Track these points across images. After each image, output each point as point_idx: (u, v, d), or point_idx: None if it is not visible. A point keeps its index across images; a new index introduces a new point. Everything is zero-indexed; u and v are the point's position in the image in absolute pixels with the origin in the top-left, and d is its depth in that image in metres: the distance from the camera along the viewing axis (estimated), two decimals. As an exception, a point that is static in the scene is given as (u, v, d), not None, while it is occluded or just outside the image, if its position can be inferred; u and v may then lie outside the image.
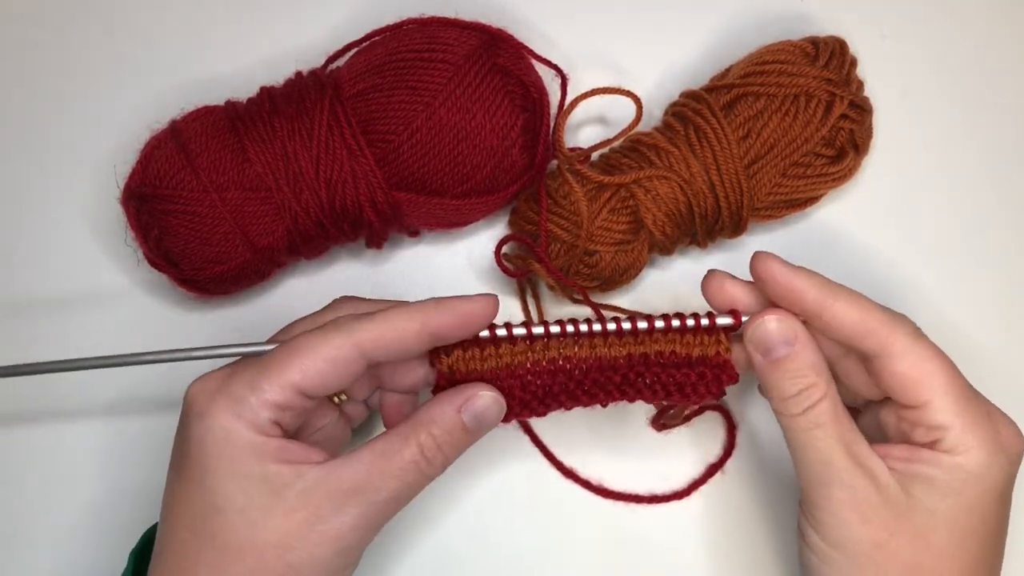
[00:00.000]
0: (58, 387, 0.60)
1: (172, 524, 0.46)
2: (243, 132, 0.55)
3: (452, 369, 0.50)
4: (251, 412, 0.45)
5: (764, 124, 0.56)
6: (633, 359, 0.50)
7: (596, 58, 0.64)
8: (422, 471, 0.47)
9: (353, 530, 0.45)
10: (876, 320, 0.47)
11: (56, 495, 0.59)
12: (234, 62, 0.64)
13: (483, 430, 0.49)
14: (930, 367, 0.47)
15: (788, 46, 0.59)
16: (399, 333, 0.47)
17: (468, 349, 0.49)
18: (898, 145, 0.63)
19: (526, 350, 0.50)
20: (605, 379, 0.50)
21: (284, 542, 0.44)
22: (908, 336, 0.47)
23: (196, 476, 0.45)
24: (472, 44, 0.56)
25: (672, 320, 0.49)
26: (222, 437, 0.45)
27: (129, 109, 0.62)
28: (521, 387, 0.50)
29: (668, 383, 0.50)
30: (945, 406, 0.46)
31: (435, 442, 0.47)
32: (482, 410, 0.48)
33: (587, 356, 0.50)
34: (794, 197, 0.58)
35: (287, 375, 0.45)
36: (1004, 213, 0.64)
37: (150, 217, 0.55)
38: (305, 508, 0.45)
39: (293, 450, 0.46)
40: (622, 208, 0.56)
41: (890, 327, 0.47)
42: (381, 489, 0.46)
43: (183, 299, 0.61)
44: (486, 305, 0.48)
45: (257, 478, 0.44)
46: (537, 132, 0.58)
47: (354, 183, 0.55)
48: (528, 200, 0.59)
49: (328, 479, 0.45)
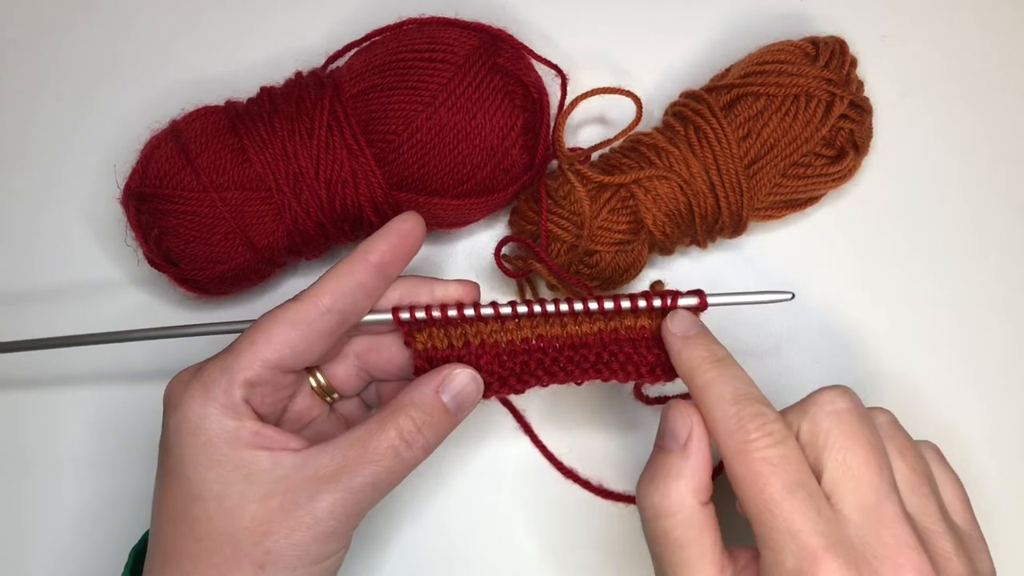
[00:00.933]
0: (52, 388, 0.60)
1: (158, 517, 0.46)
2: (243, 132, 0.55)
3: (427, 348, 0.49)
4: (223, 394, 0.45)
5: (764, 124, 0.56)
6: (604, 336, 0.50)
7: (596, 58, 0.64)
8: (401, 455, 0.46)
9: (330, 516, 0.44)
10: (713, 416, 0.44)
11: (58, 493, 0.60)
12: (234, 62, 0.64)
13: (464, 410, 0.49)
14: (737, 490, 0.42)
15: (788, 46, 0.59)
16: (354, 276, 0.47)
17: (442, 327, 0.50)
18: (898, 145, 0.63)
19: (500, 329, 0.50)
20: (580, 357, 0.50)
21: (261, 529, 0.44)
22: (734, 447, 0.42)
23: (175, 467, 0.45)
24: (472, 44, 0.56)
25: (638, 301, 0.49)
26: (196, 424, 0.45)
27: (129, 109, 0.63)
28: (499, 364, 0.50)
29: (639, 363, 0.50)
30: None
31: (415, 424, 0.46)
32: (460, 387, 0.48)
33: (560, 334, 0.50)
34: (794, 197, 0.58)
35: (254, 349, 0.45)
36: (1004, 213, 0.64)
37: (150, 217, 0.55)
38: (280, 494, 0.44)
39: (269, 435, 0.45)
40: (622, 208, 0.56)
41: (716, 430, 0.43)
42: (357, 474, 0.45)
43: (183, 299, 0.61)
44: (415, 220, 0.49)
45: (231, 464, 0.44)
46: (537, 132, 0.58)
47: (354, 183, 0.55)
48: (528, 200, 0.59)
49: (304, 465, 0.45)
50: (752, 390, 0.44)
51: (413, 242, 0.50)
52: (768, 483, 0.41)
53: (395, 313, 0.49)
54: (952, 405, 0.60)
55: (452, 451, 0.59)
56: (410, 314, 0.49)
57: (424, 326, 0.50)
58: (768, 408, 0.43)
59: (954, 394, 0.61)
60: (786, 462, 0.41)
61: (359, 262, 0.48)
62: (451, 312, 0.49)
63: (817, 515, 0.40)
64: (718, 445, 0.43)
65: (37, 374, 0.61)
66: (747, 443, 0.42)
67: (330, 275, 0.48)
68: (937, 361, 0.61)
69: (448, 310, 0.49)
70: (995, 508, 0.57)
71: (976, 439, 0.60)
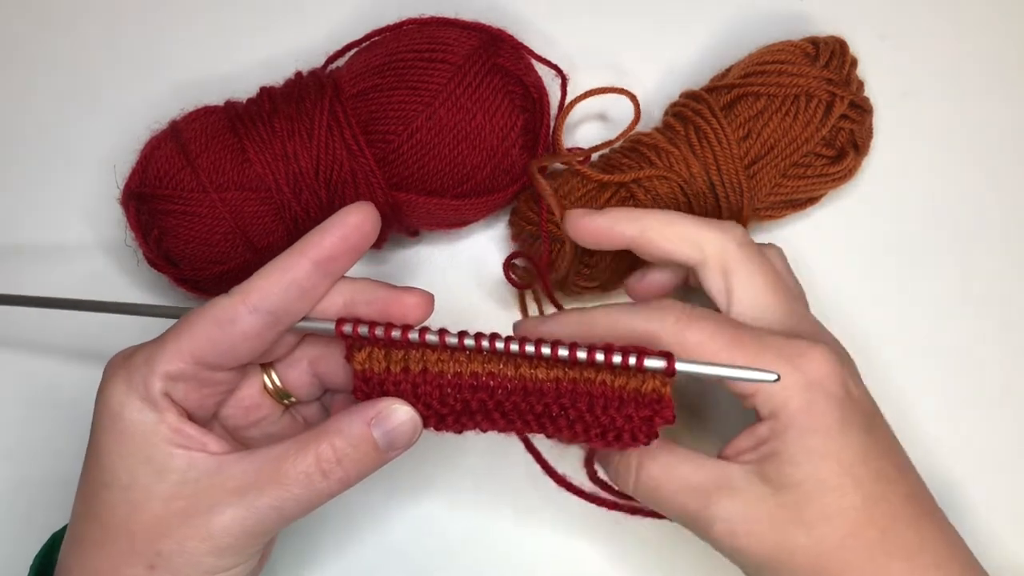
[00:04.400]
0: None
1: (76, 497, 0.45)
2: (243, 132, 0.55)
3: (365, 369, 0.45)
4: (143, 386, 0.43)
5: (764, 124, 0.56)
6: (562, 386, 0.45)
7: (596, 58, 0.64)
8: (314, 485, 0.43)
9: (226, 532, 0.42)
10: (636, 327, 0.46)
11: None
12: (234, 62, 0.64)
13: (396, 448, 0.45)
14: (705, 353, 0.44)
15: (788, 46, 0.59)
16: (287, 274, 0.44)
17: (382, 347, 0.45)
18: (898, 145, 0.63)
19: (448, 359, 0.45)
20: (526, 406, 0.45)
21: (158, 528, 0.42)
22: (672, 329, 0.45)
23: (93, 449, 0.44)
24: (472, 44, 0.56)
25: (595, 353, 0.43)
26: (116, 412, 0.43)
27: (129, 109, 0.62)
28: (439, 399, 0.45)
29: (590, 423, 0.45)
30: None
31: (336, 455, 0.43)
32: (394, 426, 0.44)
33: (512, 375, 0.45)
34: (794, 197, 0.58)
35: (179, 343, 0.43)
36: (1004, 213, 0.63)
37: (150, 217, 0.55)
38: (184, 498, 0.42)
39: (188, 434, 0.43)
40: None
41: (651, 328, 0.45)
42: (263, 495, 0.42)
43: (183, 299, 0.61)
44: (366, 212, 0.45)
45: (144, 457, 0.43)
46: (537, 132, 0.58)
47: (354, 183, 0.55)
48: (528, 200, 0.59)
49: (215, 473, 0.43)
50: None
51: (361, 237, 0.45)
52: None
53: (338, 325, 0.45)
54: (951, 404, 0.60)
55: (442, 454, 0.59)
56: (352, 329, 0.44)
57: (366, 343, 0.45)
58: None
59: (953, 394, 0.61)
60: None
61: (295, 259, 0.44)
62: (395, 333, 0.44)
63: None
64: (650, 344, 0.45)
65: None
66: (679, 320, 0.45)
67: (262, 271, 0.44)
68: (937, 360, 0.61)
69: (392, 331, 0.44)
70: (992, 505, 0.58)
71: (977, 439, 0.60)
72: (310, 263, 0.44)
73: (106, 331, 0.55)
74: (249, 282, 0.44)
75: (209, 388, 0.46)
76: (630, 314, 0.46)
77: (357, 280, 0.46)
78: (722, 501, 0.45)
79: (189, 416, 0.45)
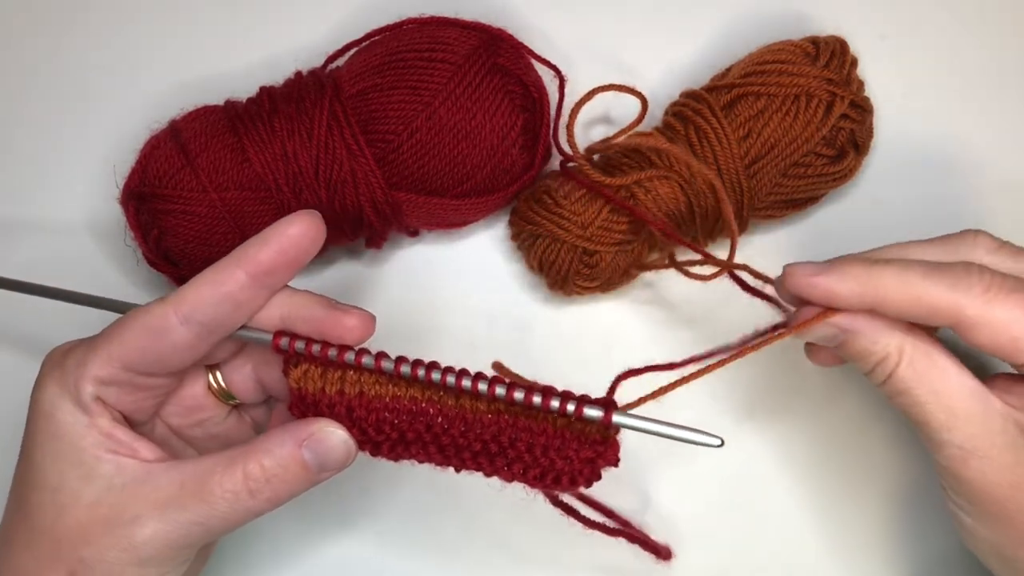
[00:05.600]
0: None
1: (10, 494, 0.45)
2: (243, 132, 0.55)
3: (301, 387, 0.44)
4: (75, 388, 0.42)
5: (764, 124, 0.56)
6: (502, 420, 0.43)
7: (596, 58, 0.64)
8: (241, 503, 0.42)
9: (148, 544, 0.41)
10: (935, 297, 0.42)
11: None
12: (234, 62, 0.64)
13: (327, 470, 0.44)
14: (1014, 331, 0.42)
15: (788, 46, 0.58)
16: (221, 286, 0.42)
17: (319, 366, 0.44)
18: (898, 145, 0.63)
19: (387, 382, 0.44)
20: (464, 441, 0.44)
21: (81, 535, 0.42)
22: (979, 302, 0.42)
23: (25, 448, 0.44)
24: (472, 44, 0.56)
25: (533, 396, 0.42)
26: (48, 412, 0.43)
27: (129, 109, 0.62)
28: (375, 426, 0.44)
29: (529, 464, 0.43)
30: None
31: (264, 474, 0.42)
32: (327, 450, 0.43)
33: (453, 405, 0.43)
34: (794, 197, 0.58)
35: (110, 348, 0.42)
36: (1004, 213, 0.63)
37: (150, 217, 0.55)
38: (108, 506, 0.42)
39: (119, 439, 0.43)
40: (622, 208, 0.56)
41: (954, 299, 0.42)
42: (187, 510, 0.42)
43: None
44: (308, 223, 0.43)
45: (74, 461, 0.42)
46: (537, 132, 0.58)
47: (354, 183, 0.55)
48: (528, 200, 0.58)
49: (142, 481, 0.42)
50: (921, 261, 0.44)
51: (302, 250, 0.43)
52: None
53: (275, 338, 0.44)
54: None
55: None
56: (289, 344, 0.43)
57: (302, 360, 0.44)
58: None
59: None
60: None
61: (229, 270, 0.43)
62: (331, 352, 0.43)
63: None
64: (951, 317, 0.42)
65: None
66: (988, 290, 0.42)
67: (196, 280, 0.43)
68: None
69: (328, 350, 0.43)
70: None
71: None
72: (245, 276, 0.43)
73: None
74: (183, 291, 0.43)
75: (144, 392, 0.45)
76: (928, 278, 0.43)
77: (297, 293, 0.45)
78: (970, 429, 0.43)
79: (125, 418, 0.44)
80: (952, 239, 0.47)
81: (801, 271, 0.45)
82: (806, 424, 0.59)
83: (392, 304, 0.61)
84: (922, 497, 0.58)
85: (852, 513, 0.58)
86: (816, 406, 0.60)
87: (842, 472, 0.59)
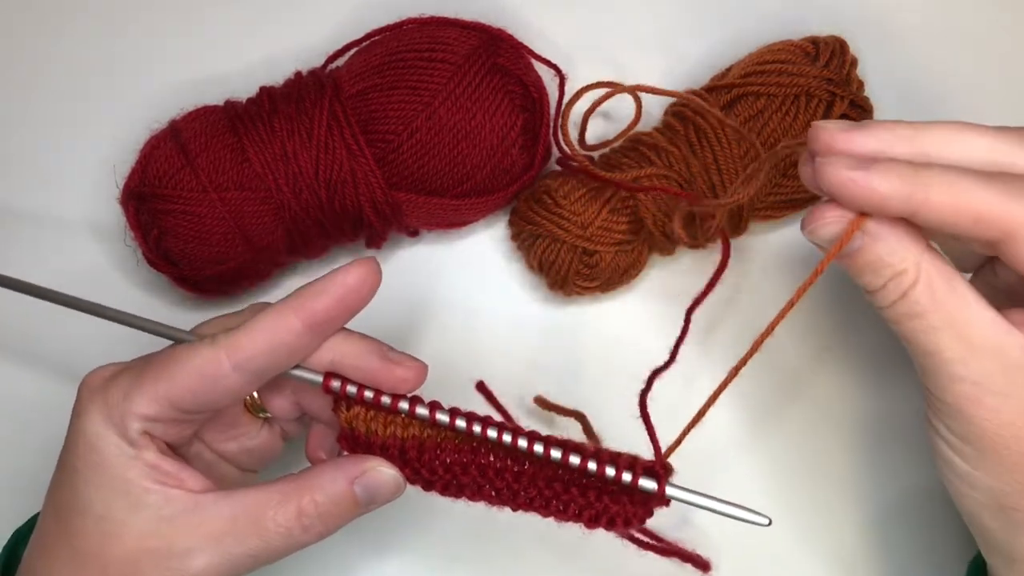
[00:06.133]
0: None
1: (46, 506, 0.45)
2: (243, 132, 0.55)
3: (351, 427, 0.45)
4: (121, 422, 0.42)
5: (764, 124, 0.56)
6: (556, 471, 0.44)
7: (596, 58, 0.64)
8: (293, 537, 0.43)
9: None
10: (987, 202, 0.38)
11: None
12: (234, 62, 0.64)
13: (375, 503, 0.45)
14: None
15: (788, 46, 0.59)
16: (275, 335, 0.42)
17: (370, 410, 0.45)
18: (898, 145, 0.63)
19: (438, 428, 0.45)
20: (519, 487, 0.44)
21: (131, 565, 0.42)
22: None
23: (67, 473, 0.43)
24: (472, 44, 0.56)
25: (588, 462, 0.43)
26: (92, 443, 0.42)
27: (129, 109, 0.62)
28: (428, 467, 0.44)
29: (583, 507, 0.44)
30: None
31: (317, 510, 0.43)
32: (378, 486, 0.44)
33: (504, 454, 0.44)
34: (794, 197, 0.58)
35: (158, 387, 0.42)
36: (1004, 213, 0.63)
37: (149, 217, 0.55)
38: (158, 537, 0.42)
39: (165, 470, 0.43)
40: (622, 208, 0.56)
41: (1008, 208, 0.38)
42: (241, 544, 0.42)
43: (183, 299, 0.61)
44: (366, 273, 0.43)
45: (121, 491, 0.42)
46: (537, 132, 0.58)
47: (354, 183, 0.55)
48: (528, 200, 0.59)
49: (191, 515, 0.42)
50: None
51: (360, 298, 0.43)
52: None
53: (326, 379, 0.44)
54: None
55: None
56: (341, 387, 0.44)
57: (353, 404, 0.45)
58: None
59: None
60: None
61: (286, 318, 0.43)
62: (384, 399, 0.44)
63: None
64: (1001, 227, 0.38)
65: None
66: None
67: (250, 328, 0.42)
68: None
69: (381, 398, 0.44)
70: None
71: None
72: (301, 325, 0.43)
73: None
74: (237, 337, 0.42)
75: (188, 424, 0.45)
76: (981, 187, 0.38)
77: (351, 336, 0.45)
78: (988, 363, 0.40)
79: (168, 445, 0.45)
80: (1013, 132, 0.42)
81: (832, 159, 0.40)
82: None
83: (392, 304, 0.61)
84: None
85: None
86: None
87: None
